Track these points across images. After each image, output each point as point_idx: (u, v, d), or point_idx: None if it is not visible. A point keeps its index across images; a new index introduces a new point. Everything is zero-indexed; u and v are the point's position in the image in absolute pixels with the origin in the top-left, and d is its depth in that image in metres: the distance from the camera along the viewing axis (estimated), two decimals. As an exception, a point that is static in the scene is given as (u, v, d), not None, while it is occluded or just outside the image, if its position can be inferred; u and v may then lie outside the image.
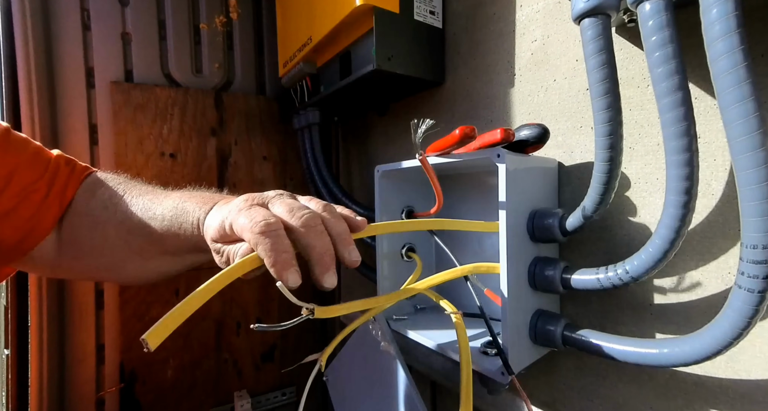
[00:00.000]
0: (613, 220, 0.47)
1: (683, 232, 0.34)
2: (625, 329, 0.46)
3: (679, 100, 0.32)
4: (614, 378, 0.47)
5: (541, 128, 0.46)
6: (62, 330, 0.79)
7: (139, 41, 0.84)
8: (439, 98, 0.70)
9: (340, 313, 0.37)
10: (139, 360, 0.83)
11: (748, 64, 0.27)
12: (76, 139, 0.79)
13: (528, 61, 0.55)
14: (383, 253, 0.62)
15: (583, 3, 0.36)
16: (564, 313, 0.52)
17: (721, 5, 0.28)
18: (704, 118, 0.39)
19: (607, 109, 0.36)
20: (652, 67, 0.33)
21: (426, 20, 0.65)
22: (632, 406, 0.46)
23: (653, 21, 0.32)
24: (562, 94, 0.51)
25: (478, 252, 0.61)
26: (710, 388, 0.40)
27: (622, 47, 0.45)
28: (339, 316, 0.37)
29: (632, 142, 0.45)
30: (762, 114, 0.27)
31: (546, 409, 0.54)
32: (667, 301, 0.43)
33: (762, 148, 0.27)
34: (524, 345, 0.46)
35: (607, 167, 0.38)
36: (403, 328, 0.57)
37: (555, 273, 0.44)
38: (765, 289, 0.29)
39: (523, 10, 0.56)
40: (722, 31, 0.28)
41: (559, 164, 0.52)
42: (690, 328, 0.40)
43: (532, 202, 0.47)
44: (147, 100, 0.83)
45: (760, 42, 0.36)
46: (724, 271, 0.39)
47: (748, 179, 0.28)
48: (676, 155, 0.32)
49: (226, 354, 0.92)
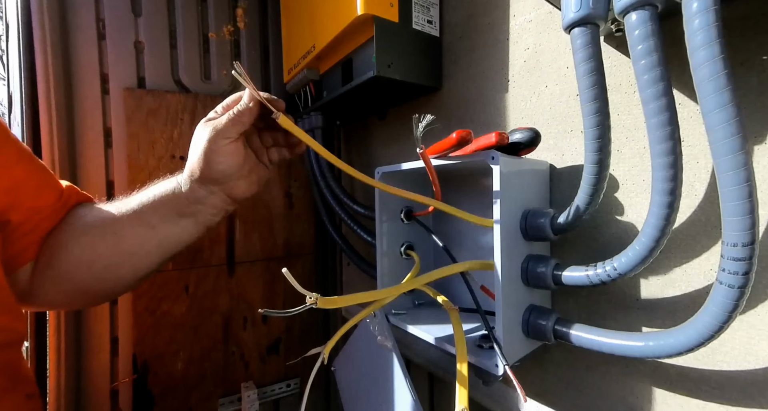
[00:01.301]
0: (602, 220, 0.47)
1: (668, 231, 0.34)
2: (613, 323, 0.47)
3: (664, 105, 0.32)
4: (603, 369, 0.48)
5: (533, 132, 0.46)
6: (78, 324, 0.79)
7: (151, 49, 0.85)
8: (437, 103, 0.70)
9: (342, 305, 0.38)
10: (151, 353, 0.83)
11: (729, 71, 0.28)
12: (91, 143, 0.80)
13: (521, 68, 0.56)
14: (383, 251, 0.62)
15: (573, 13, 0.36)
16: (555, 308, 0.52)
17: (703, 16, 0.28)
18: (687, 122, 0.39)
19: (596, 113, 0.36)
20: (638, 74, 0.33)
21: (424, 29, 0.65)
22: (619, 395, 0.46)
23: (639, 30, 0.32)
24: (553, 100, 0.52)
25: (473, 250, 0.61)
26: (693, 379, 0.41)
27: (610, 55, 0.45)
28: (340, 307, 0.38)
29: (620, 145, 0.45)
30: (741, 119, 0.28)
31: (538, 400, 0.54)
32: (653, 296, 0.43)
33: (741, 151, 0.28)
34: (517, 338, 0.46)
35: (596, 169, 0.38)
36: (403, 323, 0.58)
37: (546, 270, 0.44)
38: (744, 285, 0.29)
39: (516, 20, 0.56)
40: (704, 40, 0.28)
41: (551, 166, 0.52)
42: (674, 322, 0.40)
43: (525, 202, 0.47)
44: (158, 106, 0.83)
45: (738, 52, 0.36)
46: (706, 268, 0.39)
47: (728, 180, 0.28)
48: (661, 158, 0.33)
49: (234, 347, 0.92)
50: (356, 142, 0.96)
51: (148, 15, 0.84)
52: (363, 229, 0.77)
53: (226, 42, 0.92)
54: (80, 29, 0.78)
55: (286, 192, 0.98)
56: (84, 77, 0.79)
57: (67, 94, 0.77)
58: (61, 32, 0.76)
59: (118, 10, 0.81)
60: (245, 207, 0.93)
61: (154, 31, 0.85)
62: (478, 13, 0.61)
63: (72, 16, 0.77)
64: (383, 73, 0.60)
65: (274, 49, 0.98)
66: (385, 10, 0.59)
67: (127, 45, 0.83)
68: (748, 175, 0.28)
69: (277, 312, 0.32)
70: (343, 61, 0.69)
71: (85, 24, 0.79)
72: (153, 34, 0.85)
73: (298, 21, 0.79)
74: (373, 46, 0.59)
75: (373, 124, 0.88)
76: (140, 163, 0.81)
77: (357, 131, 0.95)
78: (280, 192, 0.97)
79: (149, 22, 0.84)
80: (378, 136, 0.87)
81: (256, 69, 0.97)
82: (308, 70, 0.77)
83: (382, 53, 0.60)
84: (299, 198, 1.00)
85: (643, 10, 0.32)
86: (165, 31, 0.86)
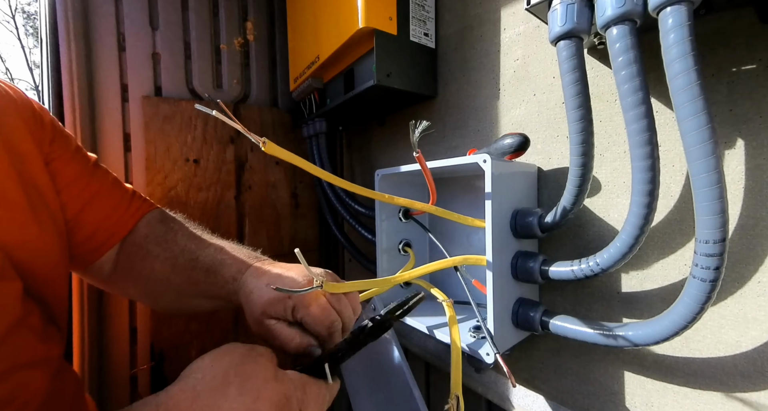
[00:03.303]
0: (585, 219, 0.47)
1: (646, 229, 0.34)
2: (595, 314, 0.47)
3: (643, 113, 0.32)
4: (586, 357, 0.48)
5: (522, 137, 0.46)
6: (101, 315, 0.79)
7: (167, 60, 0.85)
8: (432, 110, 0.70)
9: (346, 290, 0.38)
10: (167, 342, 0.83)
11: (701, 82, 0.28)
12: (111, 147, 0.80)
13: (511, 77, 0.56)
14: (383, 248, 0.62)
15: (559, 27, 0.36)
16: (542, 300, 0.52)
17: (678, 31, 0.28)
18: (664, 129, 0.40)
19: (580, 120, 0.37)
20: (619, 84, 0.33)
21: (420, 41, 0.65)
22: (602, 381, 0.47)
23: (619, 43, 0.32)
24: (540, 107, 0.52)
25: (466, 247, 0.62)
26: (668, 365, 0.41)
27: (593, 66, 0.45)
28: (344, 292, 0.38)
29: (602, 149, 0.45)
30: (713, 126, 0.28)
31: (526, 385, 0.54)
32: (632, 289, 0.44)
33: (713, 156, 0.28)
34: (507, 329, 0.46)
35: (581, 171, 0.38)
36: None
37: (535, 265, 0.45)
38: (716, 279, 0.29)
39: (506, 33, 0.56)
40: (679, 53, 0.28)
41: (539, 169, 0.52)
42: (652, 313, 0.40)
43: (515, 202, 0.47)
44: (174, 112, 0.83)
45: (710, 64, 0.37)
46: (681, 263, 0.39)
47: (701, 182, 0.29)
48: (640, 161, 0.33)
49: (243, 338, 0.92)
50: (357, 146, 0.96)
51: (164, 28, 0.84)
52: (364, 228, 0.78)
53: (237, 53, 0.93)
54: (102, 42, 0.79)
55: (292, 193, 0.99)
56: (105, 86, 0.79)
57: (90, 102, 0.78)
58: (84, 45, 0.76)
59: (136, 24, 0.82)
60: (254, 207, 0.93)
61: (170, 43, 0.85)
62: (472, 27, 0.61)
63: (94, 31, 0.78)
64: (383, 82, 0.60)
65: (281, 59, 0.99)
66: (384, 24, 0.60)
67: (145, 56, 0.83)
68: (719, 177, 0.28)
69: (288, 290, 0.32)
70: (346, 71, 0.70)
71: (107, 38, 0.79)
72: (169, 46, 0.85)
73: (303, 33, 0.79)
74: (373, 56, 0.60)
75: (373, 130, 0.88)
76: (157, 165, 0.81)
77: (358, 136, 0.95)
78: (286, 193, 0.98)
79: (165, 35, 0.85)
80: (378, 141, 0.87)
81: (264, 78, 0.97)
82: (313, 79, 0.77)
83: (382, 64, 0.60)
84: (304, 198, 1.00)
85: (623, 24, 0.32)
86: (180, 44, 0.86)
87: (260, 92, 0.97)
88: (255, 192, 0.93)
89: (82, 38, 0.76)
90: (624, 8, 0.31)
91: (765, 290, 0.35)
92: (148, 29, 0.83)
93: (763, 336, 0.35)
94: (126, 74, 0.81)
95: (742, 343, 0.36)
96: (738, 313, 0.36)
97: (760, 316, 0.35)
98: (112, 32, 0.80)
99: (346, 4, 0.61)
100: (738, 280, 0.36)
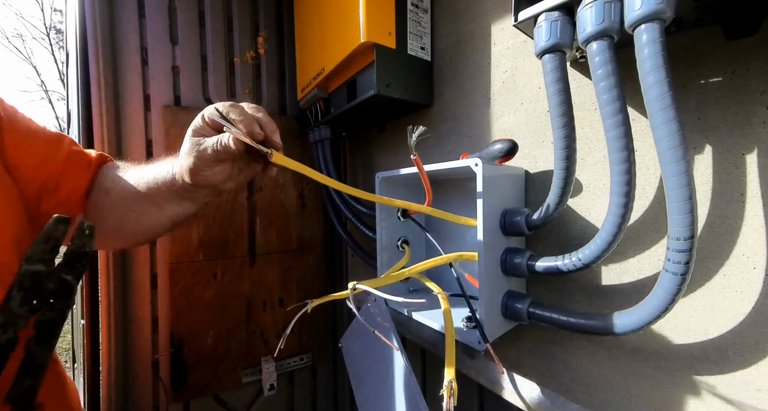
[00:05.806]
0: (569, 218, 0.48)
1: (624, 227, 0.35)
2: (577, 306, 0.47)
3: (620, 121, 0.32)
4: (569, 345, 0.48)
5: (511, 143, 0.47)
6: (125, 305, 0.80)
7: (185, 73, 0.85)
8: (428, 117, 0.71)
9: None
10: (185, 330, 0.84)
11: (673, 93, 0.28)
12: (135, 152, 0.81)
13: (500, 87, 0.56)
14: (383, 245, 0.62)
15: (544, 42, 0.37)
16: (529, 293, 0.52)
17: (651, 46, 0.29)
18: (640, 135, 0.40)
19: (564, 127, 0.37)
20: (598, 94, 0.33)
21: (417, 54, 0.65)
22: (584, 367, 0.47)
23: (599, 57, 0.33)
24: (528, 115, 0.52)
25: (460, 244, 0.62)
26: (645, 352, 0.41)
27: (575, 78, 0.46)
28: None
29: (583, 154, 0.45)
30: (683, 133, 0.28)
31: (514, 371, 0.55)
32: (611, 282, 0.44)
33: (684, 160, 0.28)
34: (497, 319, 0.47)
35: (564, 174, 0.38)
36: (399, 307, 0.58)
37: (522, 260, 0.45)
38: (686, 273, 0.30)
39: (496, 47, 0.56)
40: (652, 66, 0.29)
41: (526, 172, 0.53)
42: (629, 304, 0.40)
43: (504, 202, 0.48)
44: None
45: (681, 77, 0.37)
46: (655, 259, 0.40)
47: (673, 184, 0.29)
48: (618, 165, 0.33)
49: (255, 326, 0.93)
50: (359, 150, 0.96)
51: (183, 44, 0.85)
52: (365, 226, 0.78)
53: (249, 66, 0.93)
54: (127, 56, 0.79)
55: (299, 194, 0.99)
56: (130, 97, 0.80)
57: (116, 111, 0.78)
58: (111, 59, 0.77)
59: (158, 39, 0.82)
60: (264, 206, 0.93)
61: (188, 57, 0.86)
62: (464, 41, 0.62)
63: (120, 46, 0.79)
64: (383, 91, 0.61)
65: (289, 71, 0.99)
66: (384, 38, 0.60)
67: (166, 69, 0.84)
68: (689, 180, 0.28)
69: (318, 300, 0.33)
70: (349, 82, 0.70)
71: (131, 52, 0.80)
72: (187, 59, 0.86)
73: (309, 47, 0.80)
74: (374, 68, 0.60)
75: (374, 135, 0.88)
76: (176, 169, 0.82)
77: (360, 141, 0.95)
78: (294, 194, 0.98)
79: (184, 49, 0.85)
80: (378, 146, 0.87)
81: (274, 88, 0.98)
82: (318, 89, 0.77)
83: (382, 75, 0.60)
84: (310, 199, 1.01)
85: (602, 40, 0.32)
86: (197, 57, 0.87)
87: (270, 101, 0.97)
88: (265, 193, 0.94)
89: (109, 53, 0.77)
90: (603, 25, 0.32)
91: (730, 283, 0.35)
92: (168, 44, 0.84)
93: (728, 324, 0.35)
94: (148, 85, 0.82)
95: (709, 331, 0.36)
96: (706, 303, 0.36)
97: (726, 306, 0.35)
98: (136, 47, 0.80)
99: (349, 20, 0.61)
100: (706, 273, 0.36)
